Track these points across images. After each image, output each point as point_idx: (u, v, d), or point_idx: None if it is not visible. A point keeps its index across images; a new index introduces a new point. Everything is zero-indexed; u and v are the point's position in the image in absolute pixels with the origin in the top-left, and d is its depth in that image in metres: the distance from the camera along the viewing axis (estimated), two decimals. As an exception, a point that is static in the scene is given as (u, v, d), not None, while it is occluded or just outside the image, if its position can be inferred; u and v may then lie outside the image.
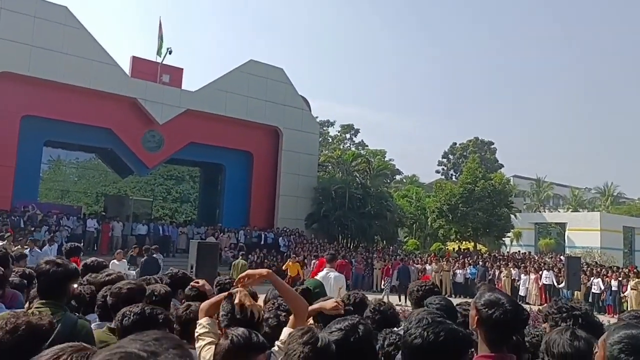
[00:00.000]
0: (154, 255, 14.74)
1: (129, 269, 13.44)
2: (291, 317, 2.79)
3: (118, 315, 2.83)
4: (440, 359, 1.94)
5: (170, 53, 26.44)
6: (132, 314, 2.75)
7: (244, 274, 2.88)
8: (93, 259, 5.76)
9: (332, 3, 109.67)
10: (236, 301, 2.62)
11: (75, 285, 3.45)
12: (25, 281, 4.60)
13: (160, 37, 26.94)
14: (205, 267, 9.67)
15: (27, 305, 3.52)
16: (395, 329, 3.26)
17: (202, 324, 2.72)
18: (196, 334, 2.69)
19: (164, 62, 26.95)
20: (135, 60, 26.73)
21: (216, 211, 30.14)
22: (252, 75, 28.98)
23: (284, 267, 19.97)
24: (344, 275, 8.38)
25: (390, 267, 22.07)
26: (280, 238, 27.07)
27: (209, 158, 29.17)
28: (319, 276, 7.92)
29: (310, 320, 3.07)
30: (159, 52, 26.86)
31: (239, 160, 29.53)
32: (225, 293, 2.81)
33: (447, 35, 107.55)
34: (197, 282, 4.07)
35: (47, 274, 3.04)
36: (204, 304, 2.88)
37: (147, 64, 26.77)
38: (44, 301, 3.01)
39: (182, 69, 28.06)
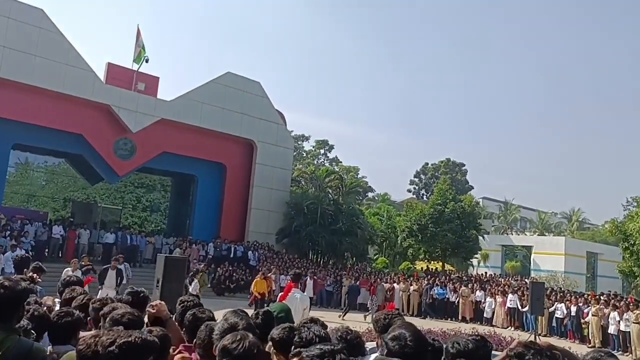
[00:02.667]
0: (119, 266, 14.51)
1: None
2: None
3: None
4: None
5: (147, 61, 26.24)
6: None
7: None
8: (70, 274, 5.66)
9: (310, 18, 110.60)
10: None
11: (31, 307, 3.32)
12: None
13: (141, 45, 26.67)
14: (172, 282, 9.52)
15: None
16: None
17: None
18: None
19: (139, 70, 26.72)
20: (111, 67, 26.42)
21: (186, 222, 29.79)
22: (228, 87, 28.92)
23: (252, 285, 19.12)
24: (308, 297, 8.37)
25: (373, 285, 22.12)
26: (250, 252, 26.87)
27: (181, 168, 28.90)
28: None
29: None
30: (137, 60, 26.58)
31: (211, 171, 29.32)
32: None
33: (422, 53, 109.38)
34: (152, 307, 3.83)
35: None
36: None
37: (122, 71, 26.49)
38: None
39: (158, 77, 27.92)
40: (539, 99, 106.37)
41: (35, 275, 6.72)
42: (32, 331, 3.30)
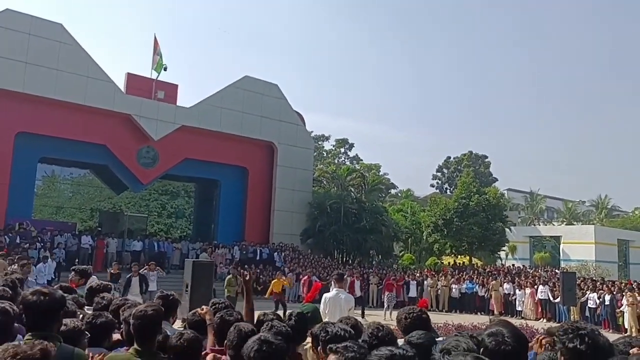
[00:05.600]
0: (142, 272, 14.71)
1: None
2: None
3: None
4: None
5: (165, 70, 26.53)
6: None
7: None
8: (97, 282, 5.72)
9: (326, 18, 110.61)
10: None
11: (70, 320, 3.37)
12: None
13: (159, 54, 26.99)
14: (201, 287, 9.62)
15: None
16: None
17: None
18: None
19: (158, 79, 27.02)
20: (130, 77, 26.80)
21: (211, 226, 30.04)
22: (247, 91, 29.07)
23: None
24: (352, 297, 8.34)
25: (392, 282, 21.97)
26: (276, 253, 26.99)
27: (204, 174, 29.14)
28: (328, 296, 7.83)
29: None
30: (157, 69, 26.88)
31: (234, 175, 29.51)
32: None
33: (440, 49, 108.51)
34: (202, 310, 3.95)
35: (34, 306, 2.89)
36: None
37: (141, 80, 26.84)
38: (32, 334, 2.82)
39: (177, 85, 28.25)
40: (560, 85, 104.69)
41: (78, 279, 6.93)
42: (86, 332, 3.37)
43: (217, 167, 28.67)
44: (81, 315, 3.85)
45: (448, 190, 61.12)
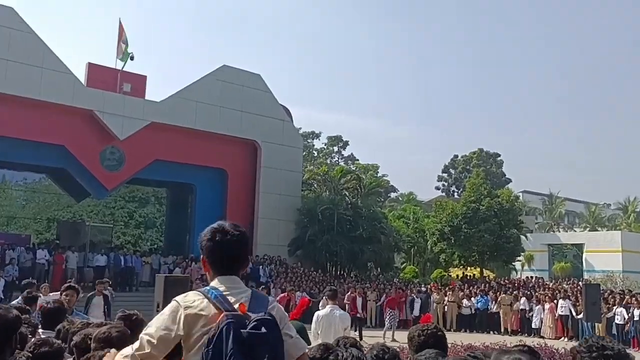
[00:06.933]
0: (105, 292, 14.68)
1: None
2: None
3: None
4: None
5: (132, 59, 26.48)
6: None
7: None
8: (51, 299, 5.67)
9: (315, 2, 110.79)
10: None
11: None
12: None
13: (125, 41, 26.94)
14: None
15: None
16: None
17: None
18: None
19: (124, 70, 26.95)
20: (92, 68, 26.72)
21: (186, 237, 29.95)
22: (225, 82, 29.05)
23: None
24: (348, 315, 8.38)
25: (395, 297, 22.03)
26: (260, 267, 26.94)
27: (177, 177, 29.08)
28: (321, 314, 7.85)
29: None
30: (122, 58, 26.85)
31: (211, 179, 29.48)
32: None
33: (446, 37, 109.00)
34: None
35: None
36: None
37: (105, 71, 26.78)
38: None
39: (146, 76, 28.22)
40: (581, 78, 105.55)
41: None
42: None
43: (192, 170, 28.61)
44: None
45: (456, 194, 61.39)
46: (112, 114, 25.64)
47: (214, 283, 2.70)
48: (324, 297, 9.86)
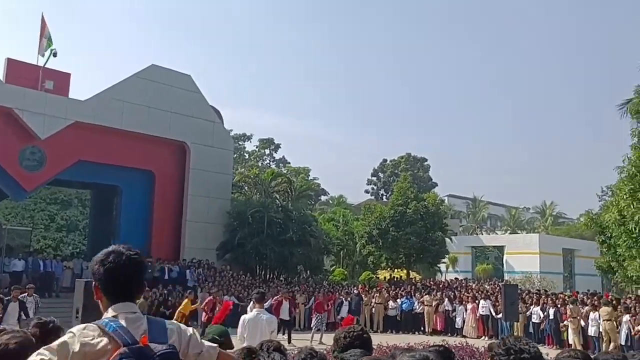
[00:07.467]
0: (21, 298, 14.28)
1: None
2: None
3: None
4: None
5: (54, 56, 25.63)
6: None
7: None
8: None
9: (247, 2, 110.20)
10: None
11: None
12: None
13: (47, 36, 26.10)
14: (95, 311, 9.24)
15: None
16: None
17: None
18: None
19: (46, 66, 26.10)
20: (11, 63, 25.84)
21: (110, 241, 29.07)
22: (154, 82, 28.57)
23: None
24: (275, 319, 8.37)
25: (323, 300, 22.17)
26: (188, 271, 26.54)
27: (101, 179, 28.32)
28: (248, 317, 7.81)
29: None
30: (43, 53, 25.98)
31: (137, 180, 28.88)
32: None
33: (373, 37, 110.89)
34: None
35: None
36: None
37: (25, 67, 25.93)
38: None
39: (69, 74, 27.56)
40: (503, 86, 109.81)
41: None
42: None
43: (118, 171, 27.92)
44: None
45: (384, 197, 62.49)
46: (33, 112, 24.77)
47: (110, 313, 2.48)
48: (252, 300, 9.86)
